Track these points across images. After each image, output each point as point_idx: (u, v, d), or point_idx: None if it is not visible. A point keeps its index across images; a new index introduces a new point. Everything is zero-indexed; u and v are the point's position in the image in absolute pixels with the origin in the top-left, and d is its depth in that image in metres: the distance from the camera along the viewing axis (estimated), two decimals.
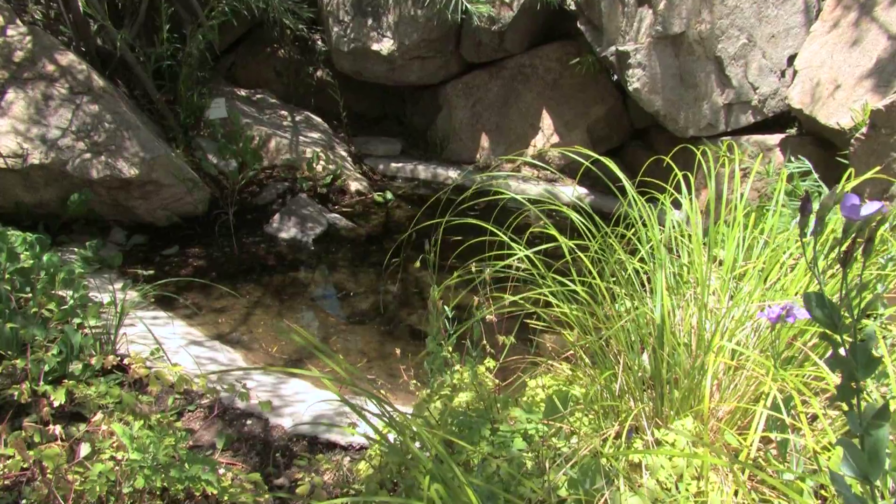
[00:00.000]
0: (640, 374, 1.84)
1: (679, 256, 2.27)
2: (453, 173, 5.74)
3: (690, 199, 2.29)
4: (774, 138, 4.32)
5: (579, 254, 2.07)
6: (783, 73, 4.47)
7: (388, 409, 1.46)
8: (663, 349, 1.75)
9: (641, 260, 2.11)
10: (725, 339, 1.75)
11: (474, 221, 2.15)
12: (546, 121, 5.63)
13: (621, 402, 1.83)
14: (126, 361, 2.36)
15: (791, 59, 4.41)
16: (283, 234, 4.48)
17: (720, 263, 2.10)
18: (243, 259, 4.15)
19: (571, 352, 2.16)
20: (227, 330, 3.28)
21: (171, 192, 4.16)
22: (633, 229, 2.18)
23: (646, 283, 2.08)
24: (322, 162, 5.16)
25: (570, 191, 5.14)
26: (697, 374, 1.71)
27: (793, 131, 4.38)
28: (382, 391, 2.66)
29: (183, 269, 3.92)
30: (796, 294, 1.87)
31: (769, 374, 1.54)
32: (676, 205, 2.38)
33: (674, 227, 2.29)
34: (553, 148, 5.56)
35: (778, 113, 4.54)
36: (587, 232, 2.09)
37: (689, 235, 2.24)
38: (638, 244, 2.14)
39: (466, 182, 5.47)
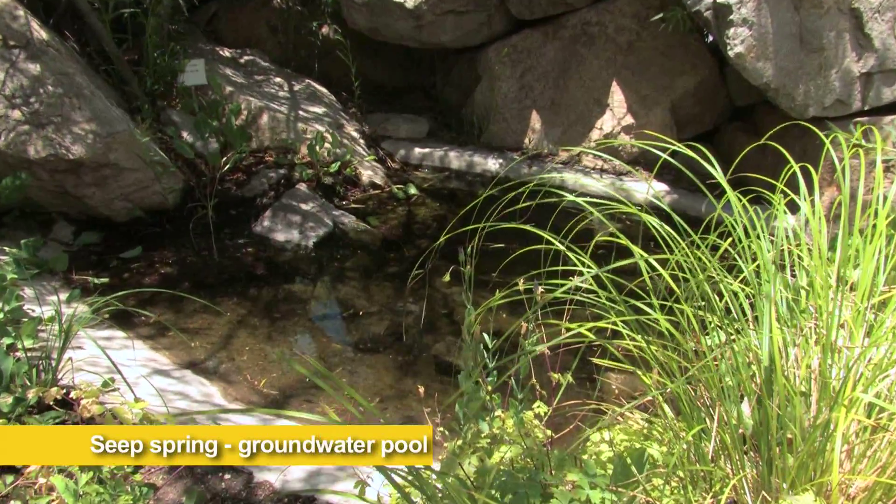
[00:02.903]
0: (739, 430, 1.79)
1: (795, 276, 2.22)
2: (494, 163, 5.73)
3: (812, 201, 2.24)
4: None
5: (660, 269, 2.04)
6: None
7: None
8: (772, 399, 1.71)
9: (743, 281, 2.07)
10: (860, 389, 1.69)
11: (522, 226, 2.13)
12: (617, 96, 5.59)
13: (715, 466, 1.79)
14: (73, 395, 2.38)
15: None
16: (276, 236, 4.51)
17: (852, 288, 2.04)
18: (225, 266, 4.18)
19: (648, 398, 2.12)
20: (202, 356, 3.30)
21: (133, 178, 4.21)
22: (730, 239, 2.14)
23: (748, 311, 2.04)
24: (327, 144, 5.19)
25: (647, 187, 5.08)
26: (820, 434, 1.66)
27: None
28: None
29: (147, 276, 3.97)
30: None
31: None
32: (792, 208, 2.33)
33: (788, 237, 2.25)
34: (625, 132, 5.51)
35: None
36: (669, 242, 2.06)
37: (810, 249, 2.20)
38: (738, 259, 2.10)
39: (511, 174, 5.45)
